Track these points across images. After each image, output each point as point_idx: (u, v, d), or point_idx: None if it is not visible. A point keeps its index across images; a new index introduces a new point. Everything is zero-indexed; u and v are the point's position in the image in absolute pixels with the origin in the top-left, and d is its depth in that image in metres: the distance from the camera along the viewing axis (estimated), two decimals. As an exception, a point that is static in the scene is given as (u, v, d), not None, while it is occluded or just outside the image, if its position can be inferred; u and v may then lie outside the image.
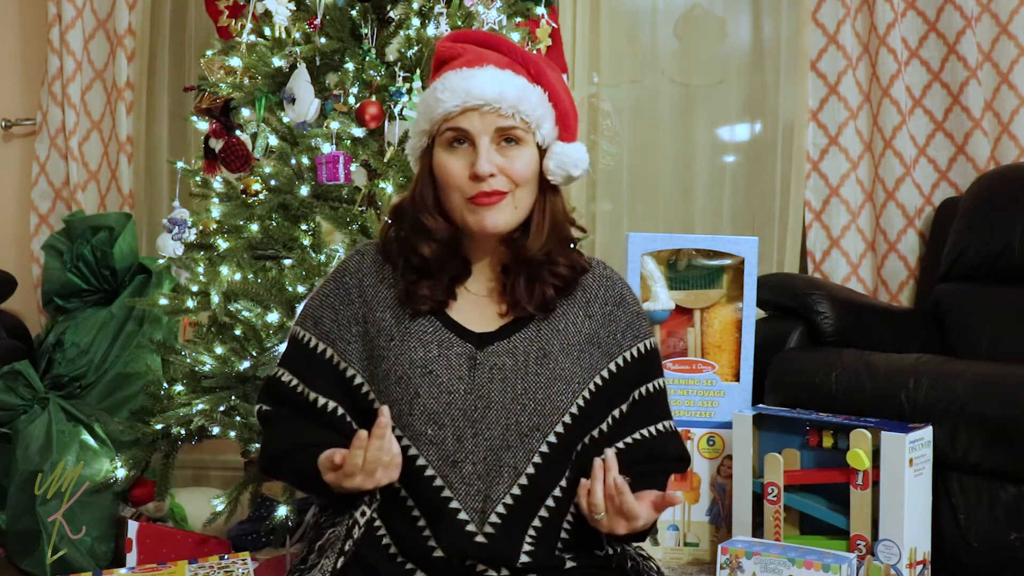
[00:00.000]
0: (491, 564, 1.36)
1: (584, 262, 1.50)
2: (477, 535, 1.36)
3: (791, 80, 3.17)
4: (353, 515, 1.40)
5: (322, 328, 1.47)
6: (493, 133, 1.40)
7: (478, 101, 1.39)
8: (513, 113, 1.40)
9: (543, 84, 1.44)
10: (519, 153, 1.41)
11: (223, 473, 3.19)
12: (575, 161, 1.45)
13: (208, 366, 2.38)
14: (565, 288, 1.47)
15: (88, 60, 3.35)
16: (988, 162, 2.87)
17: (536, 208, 1.45)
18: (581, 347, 1.46)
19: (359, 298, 1.46)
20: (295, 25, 2.35)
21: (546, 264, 1.44)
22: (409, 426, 1.39)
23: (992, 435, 2.07)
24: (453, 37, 1.50)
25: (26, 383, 2.68)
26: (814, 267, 3.04)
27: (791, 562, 2.00)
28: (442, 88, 1.42)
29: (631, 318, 1.52)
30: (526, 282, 1.44)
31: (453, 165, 1.41)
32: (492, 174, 1.39)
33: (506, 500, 1.37)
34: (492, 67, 1.42)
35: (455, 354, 1.41)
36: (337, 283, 1.49)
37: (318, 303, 1.49)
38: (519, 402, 1.39)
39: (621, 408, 1.50)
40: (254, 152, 2.40)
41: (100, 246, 2.98)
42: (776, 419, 2.24)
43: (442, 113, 1.41)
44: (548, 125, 1.44)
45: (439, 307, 1.44)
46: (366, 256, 1.50)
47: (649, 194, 3.42)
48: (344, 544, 1.38)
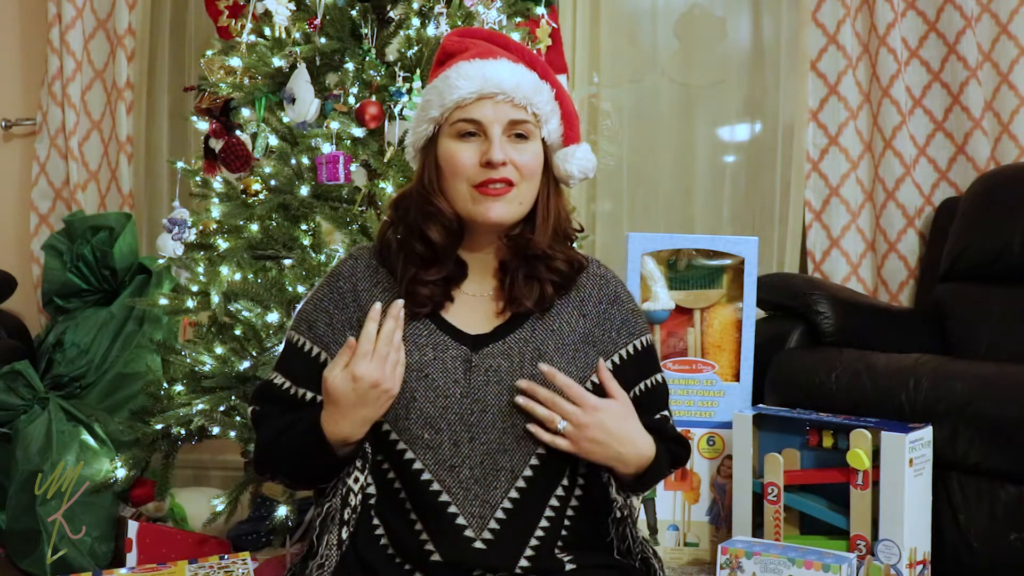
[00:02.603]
0: (490, 570, 1.36)
1: (581, 257, 1.50)
2: (475, 541, 1.36)
3: (791, 80, 3.17)
4: (346, 482, 1.39)
5: (316, 332, 1.46)
6: (505, 124, 1.40)
7: (495, 89, 1.39)
8: (526, 105, 1.41)
9: (551, 83, 1.46)
10: (527, 147, 1.42)
11: (223, 473, 3.19)
12: (593, 164, 1.48)
13: (208, 366, 2.38)
14: (563, 285, 1.47)
15: (88, 60, 3.35)
16: (988, 162, 2.87)
17: (540, 203, 1.45)
18: (576, 346, 1.45)
19: (353, 302, 1.46)
20: (295, 25, 2.35)
21: (544, 259, 1.44)
22: (406, 430, 1.38)
23: (992, 435, 2.07)
24: (461, 33, 1.51)
25: (26, 383, 2.68)
26: (814, 267, 3.04)
27: (791, 562, 2.00)
28: (456, 75, 1.41)
29: (626, 315, 1.51)
30: (524, 279, 1.44)
31: (463, 153, 1.41)
32: (504, 163, 1.39)
33: (504, 504, 1.37)
34: (507, 60, 1.43)
35: (451, 357, 1.41)
36: (331, 287, 1.48)
37: (312, 307, 1.48)
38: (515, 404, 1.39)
39: None
40: (254, 152, 2.40)
41: (100, 246, 2.98)
42: (776, 419, 2.24)
43: (456, 99, 1.40)
44: (555, 122, 1.45)
45: (435, 308, 1.44)
46: (360, 260, 1.50)
47: (649, 194, 3.42)
48: (343, 513, 1.37)
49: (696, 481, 2.41)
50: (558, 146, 1.48)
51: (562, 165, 1.46)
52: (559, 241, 1.47)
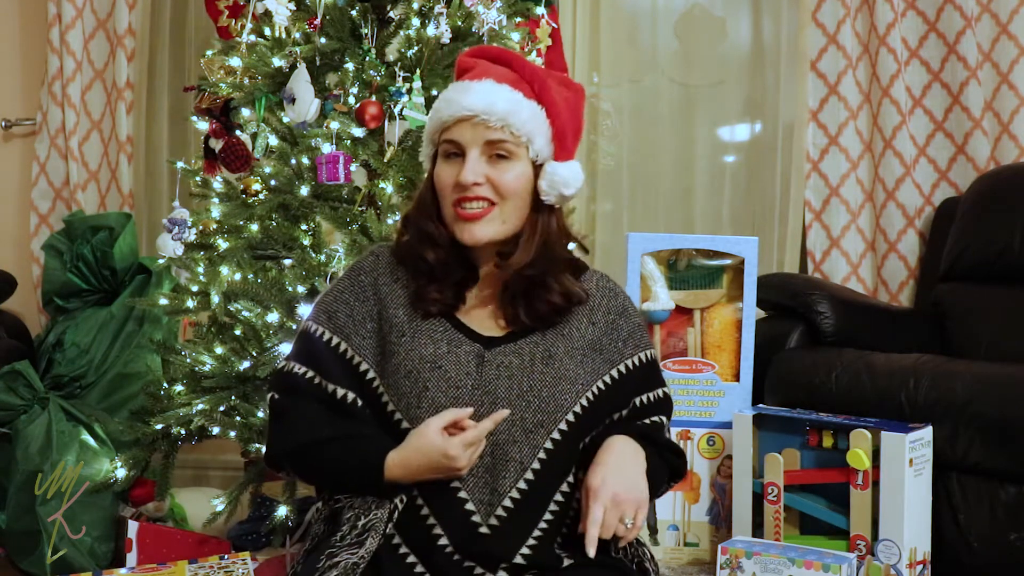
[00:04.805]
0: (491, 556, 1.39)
1: (581, 292, 1.51)
2: (481, 526, 1.40)
3: (791, 80, 3.17)
4: (393, 501, 1.42)
5: (336, 323, 1.50)
6: (483, 145, 1.44)
7: (468, 112, 1.44)
8: (502, 126, 1.44)
9: (544, 101, 1.47)
10: (509, 167, 1.45)
11: (223, 473, 3.19)
12: (566, 180, 1.47)
13: (208, 366, 2.38)
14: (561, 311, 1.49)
15: (88, 60, 3.35)
16: (988, 162, 2.87)
17: (527, 225, 1.47)
18: (584, 352, 1.50)
19: (373, 296, 1.50)
20: (295, 25, 2.35)
21: (539, 287, 1.47)
22: (417, 419, 1.42)
23: (992, 435, 2.07)
24: (472, 52, 1.55)
25: (26, 383, 2.68)
26: (814, 267, 3.04)
27: (791, 562, 2.00)
28: (442, 99, 1.48)
29: (633, 328, 1.56)
30: (523, 299, 1.47)
31: (445, 174, 1.46)
32: (477, 183, 1.42)
33: (512, 494, 1.41)
34: (490, 80, 1.46)
35: (464, 352, 1.45)
36: (352, 281, 1.53)
37: (332, 299, 1.52)
38: (524, 399, 1.43)
39: (621, 412, 1.54)
40: (254, 152, 2.40)
41: (100, 246, 2.98)
42: (776, 419, 2.24)
43: (438, 124, 1.47)
44: (541, 141, 1.46)
45: (449, 310, 1.48)
46: (381, 257, 1.54)
47: (649, 194, 3.43)
48: (385, 527, 1.40)
49: (696, 481, 2.41)
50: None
51: (539, 181, 1.47)
52: (556, 268, 1.48)
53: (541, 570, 1.41)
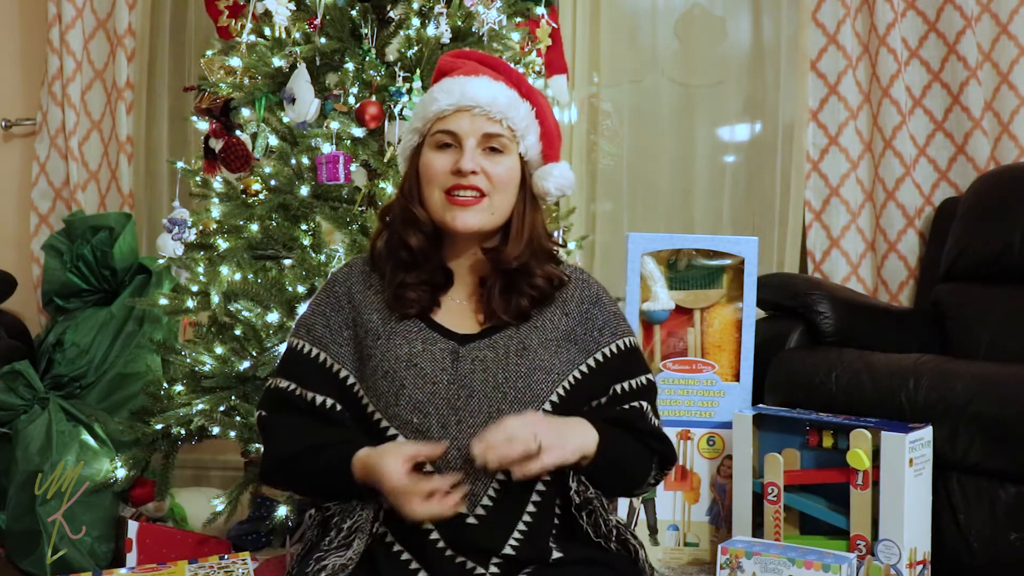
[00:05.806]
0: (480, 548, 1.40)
1: (561, 274, 1.56)
2: (468, 517, 1.41)
3: (791, 80, 3.17)
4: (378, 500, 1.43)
5: (314, 335, 1.54)
6: (480, 137, 1.49)
7: (470, 103, 1.49)
8: (501, 119, 1.50)
9: (534, 103, 1.54)
10: (502, 160, 1.50)
11: (223, 473, 3.19)
12: (570, 182, 1.56)
13: (208, 366, 2.38)
14: (541, 300, 1.53)
15: (88, 60, 3.35)
16: (988, 162, 2.87)
17: (515, 217, 1.53)
18: (559, 343, 1.52)
19: (348, 304, 1.54)
20: (295, 25, 2.35)
21: (523, 275, 1.51)
22: (396, 416, 1.44)
23: (992, 435, 2.07)
24: (455, 54, 1.61)
25: (26, 383, 2.68)
26: (814, 267, 3.04)
27: (791, 562, 2.00)
28: (438, 90, 1.52)
29: (608, 317, 1.57)
30: (501, 292, 1.51)
31: (437, 162, 1.50)
32: (474, 171, 1.47)
33: (494, 484, 1.42)
34: (487, 77, 1.52)
35: (439, 349, 1.48)
36: (328, 293, 1.57)
37: (310, 312, 1.57)
38: (500, 390, 1.45)
39: (600, 400, 1.54)
40: (254, 152, 2.41)
41: (100, 246, 2.98)
42: (776, 419, 2.24)
43: (436, 111, 1.50)
44: (532, 138, 1.54)
45: (424, 312, 1.52)
46: (354, 267, 1.59)
47: (649, 194, 3.43)
48: (373, 527, 1.42)
49: (696, 481, 2.41)
50: (537, 163, 1.55)
51: (540, 182, 1.55)
52: (539, 258, 1.53)
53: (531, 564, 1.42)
